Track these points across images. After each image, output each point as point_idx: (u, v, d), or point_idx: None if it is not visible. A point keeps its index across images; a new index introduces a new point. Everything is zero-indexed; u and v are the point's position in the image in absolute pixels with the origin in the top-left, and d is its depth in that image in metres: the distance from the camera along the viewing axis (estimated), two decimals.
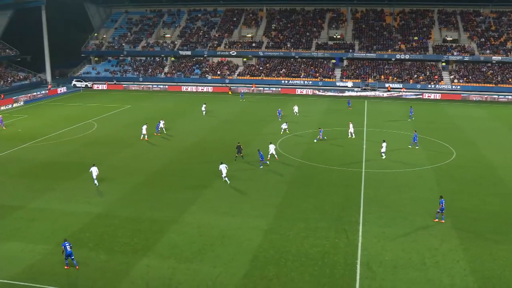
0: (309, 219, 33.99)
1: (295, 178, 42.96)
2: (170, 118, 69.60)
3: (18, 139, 58.19)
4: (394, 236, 31.42)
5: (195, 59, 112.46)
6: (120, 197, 38.69)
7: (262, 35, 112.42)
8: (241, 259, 28.47)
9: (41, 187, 41.02)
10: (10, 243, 30.86)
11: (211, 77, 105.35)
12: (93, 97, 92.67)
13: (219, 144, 54.01)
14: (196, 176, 43.71)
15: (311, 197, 38.23)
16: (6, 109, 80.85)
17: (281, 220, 33.91)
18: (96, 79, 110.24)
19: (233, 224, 33.27)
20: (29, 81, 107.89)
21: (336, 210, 35.60)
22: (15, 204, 37.16)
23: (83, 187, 41.02)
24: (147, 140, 56.56)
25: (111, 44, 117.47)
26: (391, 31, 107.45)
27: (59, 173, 44.80)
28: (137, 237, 31.38)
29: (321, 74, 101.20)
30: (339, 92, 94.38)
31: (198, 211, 35.70)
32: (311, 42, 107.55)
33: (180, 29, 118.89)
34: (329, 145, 53.97)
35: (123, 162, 48.48)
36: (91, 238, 31.36)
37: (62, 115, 74.16)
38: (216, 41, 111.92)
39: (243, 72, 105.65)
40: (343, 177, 43.10)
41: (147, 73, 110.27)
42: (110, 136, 59.38)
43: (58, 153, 51.66)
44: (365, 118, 69.95)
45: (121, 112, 76.25)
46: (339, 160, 48.06)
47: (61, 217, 34.77)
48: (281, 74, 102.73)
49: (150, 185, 41.56)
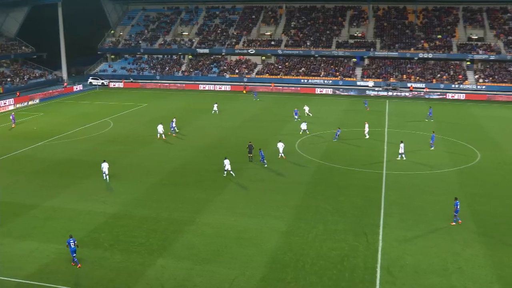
0: (328, 221, 33.91)
1: (314, 179, 42.88)
2: (187, 117, 69.97)
3: (33, 137, 58.93)
4: (415, 240, 31.20)
5: (213, 57, 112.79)
6: (136, 196, 38.98)
7: (281, 33, 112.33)
8: (258, 261, 28.50)
9: (56, 185, 41.51)
10: (24, 242, 31.26)
11: (229, 76, 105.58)
12: (109, 95, 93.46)
13: (236, 144, 54.07)
14: (214, 176, 43.84)
15: (330, 199, 38.12)
16: (22, 107, 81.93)
17: (299, 222, 33.87)
18: (112, 77, 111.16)
19: (250, 225, 33.32)
20: (45, 78, 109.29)
21: (356, 213, 35.45)
22: (31, 203, 37.65)
23: (99, 186, 41.40)
24: (164, 139, 56.96)
25: (128, 42, 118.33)
26: (413, 29, 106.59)
27: (75, 172, 45.28)
28: (153, 238, 31.59)
29: (342, 73, 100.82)
30: (359, 92, 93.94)
31: (215, 211, 35.82)
32: (331, 41, 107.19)
33: (198, 27, 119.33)
34: (349, 146, 53.76)
35: (139, 161, 48.82)
36: (106, 238, 31.64)
37: (78, 113, 74.94)
38: (234, 39, 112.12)
39: (261, 71, 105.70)
40: (363, 179, 42.90)
41: (164, 71, 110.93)
42: (126, 135, 59.86)
43: (74, 152, 52.21)
44: (386, 118, 69.53)
45: (138, 111, 76.79)
46: (359, 161, 47.85)
47: (77, 216, 35.15)
48: (301, 73, 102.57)
49: (166, 184, 41.82)
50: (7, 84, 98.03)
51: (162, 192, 39.93)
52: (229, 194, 39.32)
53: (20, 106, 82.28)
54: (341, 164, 47.10)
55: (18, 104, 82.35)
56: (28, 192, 40.30)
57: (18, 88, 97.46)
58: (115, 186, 41.38)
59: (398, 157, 48.42)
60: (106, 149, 52.68)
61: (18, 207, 36.95)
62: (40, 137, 58.55)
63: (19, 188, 41.23)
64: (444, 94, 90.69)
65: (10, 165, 48.00)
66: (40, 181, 42.76)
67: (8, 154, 51.41)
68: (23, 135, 60.31)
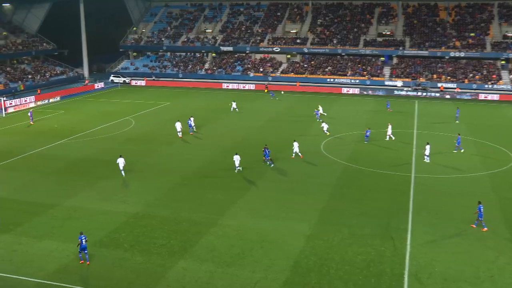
0: (354, 225, 33.70)
1: (340, 181, 42.69)
2: (209, 116, 70.30)
3: (54, 135, 59.78)
4: (445, 246, 30.81)
5: (236, 55, 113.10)
6: (157, 196, 39.26)
7: (307, 30, 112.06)
8: (281, 264, 28.46)
9: (77, 185, 42.03)
10: (44, 241, 31.70)
11: (253, 74, 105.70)
12: (131, 93, 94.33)
13: (259, 145, 54.01)
14: (236, 177, 43.94)
15: (356, 202, 37.91)
16: (42, 104, 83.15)
17: (324, 225, 33.75)
18: (134, 74, 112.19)
19: (274, 228, 33.29)
20: (66, 76, 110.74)
21: (383, 217, 35.17)
22: (51, 202, 38.16)
23: (119, 186, 41.83)
24: (181, 138, 57.49)
25: (150, 39, 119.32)
26: (445, 27, 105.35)
27: (95, 171, 45.81)
28: (174, 239, 31.76)
29: (369, 72, 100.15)
30: (387, 92, 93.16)
31: (238, 213, 35.89)
32: (358, 39, 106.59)
33: (221, 24, 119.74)
34: (377, 148, 53.38)
35: (161, 161, 49.18)
36: (126, 238, 31.91)
37: (99, 111, 75.80)
38: (259, 37, 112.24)
39: (286, 70, 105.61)
40: (391, 182, 42.57)
41: (187, 69, 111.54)
42: (148, 134, 60.35)
43: (95, 150, 52.81)
44: (415, 119, 68.87)
45: (160, 109, 77.35)
46: (387, 163, 47.49)
47: (97, 216, 35.54)
48: (327, 72, 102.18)
49: (188, 185, 42.03)
50: (28, 81, 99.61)
51: (183, 193, 40.14)
52: (252, 196, 39.36)
53: (41, 103, 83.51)
54: (368, 166, 46.79)
55: (38, 101, 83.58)
56: (48, 191, 40.86)
57: (39, 85, 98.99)
58: (135, 186, 41.74)
59: (424, 159, 48.03)
60: (127, 148, 53.12)
61: (37, 206, 37.49)
62: (61, 135, 59.36)
63: (38, 187, 41.85)
64: (476, 95, 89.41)
65: (29, 163, 48.75)
66: (60, 180, 43.34)
67: (28, 152, 52.22)
68: (44, 133, 61.19)
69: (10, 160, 49.49)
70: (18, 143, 56.22)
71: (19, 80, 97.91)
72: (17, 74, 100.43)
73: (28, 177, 44.40)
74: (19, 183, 42.74)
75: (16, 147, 54.35)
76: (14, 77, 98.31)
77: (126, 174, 44.01)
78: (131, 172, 45.02)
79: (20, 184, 42.51)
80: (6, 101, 77.71)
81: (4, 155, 50.96)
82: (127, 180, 43.04)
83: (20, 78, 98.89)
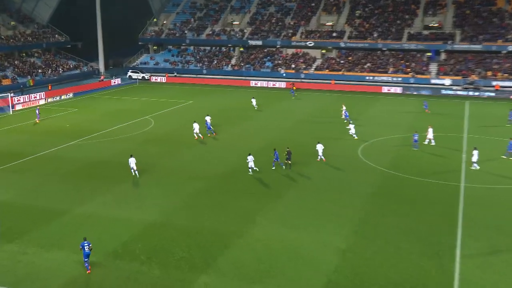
0: (395, 240, 33.24)
1: (380, 190, 42.27)
2: (236, 117, 70.47)
3: (66, 135, 60.54)
4: (499, 265, 30.17)
5: (266, 50, 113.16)
6: (177, 204, 39.34)
7: (344, 23, 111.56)
8: (314, 282, 28.20)
9: (90, 190, 42.37)
10: (52, 252, 31.88)
11: (284, 71, 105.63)
12: (150, 91, 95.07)
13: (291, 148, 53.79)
14: (265, 183, 43.84)
15: (398, 214, 37.44)
16: (53, 101, 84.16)
17: (361, 239, 33.40)
18: (154, 70, 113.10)
19: (306, 241, 33.05)
20: (80, 70, 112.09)
21: (429, 231, 34.63)
22: (61, 208, 38.48)
23: (136, 192, 42.07)
24: (197, 139, 57.89)
25: (172, 31, 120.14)
26: (503, 17, 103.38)
27: (111, 175, 46.17)
28: (195, 251, 31.71)
29: (413, 69, 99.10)
30: (433, 92, 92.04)
31: (267, 223, 35.73)
32: (402, 32, 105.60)
33: (250, 16, 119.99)
34: (421, 153, 52.74)
35: (182, 164, 49.37)
36: (143, 250, 31.97)
37: (115, 109, 76.55)
38: (291, 30, 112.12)
39: (321, 66, 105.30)
40: (437, 192, 41.96)
41: (212, 65, 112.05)
42: (168, 135, 60.71)
43: (110, 153, 53.25)
44: (465, 122, 67.89)
45: (182, 108, 77.79)
46: (432, 171, 46.86)
47: (111, 224, 35.74)
48: (366, 69, 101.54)
49: (212, 191, 42.06)
50: (38, 76, 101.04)
51: (206, 200, 40.15)
52: (281, 205, 39.17)
53: (52, 100, 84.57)
54: (411, 174, 46.24)
55: (49, 98, 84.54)
56: (58, 196, 41.26)
57: (50, 80, 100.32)
58: (154, 192, 41.91)
59: (472, 166, 47.28)
60: (146, 150, 53.48)
61: (46, 212, 37.84)
62: (73, 136, 60.04)
63: (48, 192, 42.29)
64: None
65: (39, 165, 49.38)
66: (72, 185, 43.74)
67: (37, 154, 52.95)
68: (55, 132, 62.00)
69: (18, 162, 50.24)
70: (27, 143, 57.09)
71: (28, 75, 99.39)
72: (26, 68, 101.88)
73: (37, 180, 44.96)
74: (28, 187, 43.30)
75: (25, 147, 55.19)
76: (23, 71, 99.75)
77: (143, 178, 44.30)
78: (149, 176, 45.29)
79: (29, 188, 43.05)
80: (13, 97, 78.72)
81: (12, 156, 51.74)
82: (144, 184, 43.28)
83: (30, 73, 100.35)
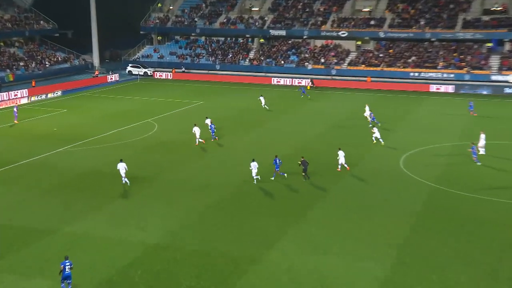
0: (446, 270, 32.87)
1: (426, 209, 41.96)
2: (255, 120, 70.44)
3: (53, 140, 60.90)
4: None
5: (291, 42, 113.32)
6: (184, 223, 39.31)
7: (385, 9, 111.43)
8: None
9: (81, 205, 42.42)
10: (33, 280, 31.57)
11: (312, 67, 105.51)
12: (154, 89, 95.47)
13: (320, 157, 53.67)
14: (288, 199, 43.73)
15: (449, 238, 37.08)
16: (38, 100, 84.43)
17: (403, 268, 33.08)
18: (158, 65, 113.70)
19: (336, 269, 32.83)
20: (70, 64, 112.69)
21: (488, 259, 34.20)
22: (47, 227, 38.45)
23: (136, 208, 42.05)
24: (197, 145, 58.49)
25: (180, 19, 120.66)
26: None
27: (106, 188, 46.26)
28: (205, 279, 31.59)
29: (469, 63, 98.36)
30: (494, 91, 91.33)
31: (289, 247, 35.55)
32: (455, 18, 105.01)
33: (271, 1, 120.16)
34: (477, 166, 52.28)
35: (190, 176, 49.43)
36: (144, 276, 31.89)
37: (112, 111, 76.99)
38: (320, 18, 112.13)
39: (355, 61, 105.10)
40: (499, 212, 41.51)
41: (227, 58, 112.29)
42: (175, 141, 60.91)
43: (105, 161, 53.33)
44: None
45: (191, 110, 78.06)
46: (492, 187, 46.47)
47: (106, 246, 35.71)
48: (410, 64, 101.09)
49: (225, 208, 42.05)
50: (20, 70, 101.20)
51: (218, 218, 40.09)
52: (308, 224, 39.00)
53: (36, 99, 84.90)
54: (465, 189, 45.89)
55: (33, 96, 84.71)
56: (45, 213, 41.25)
57: (34, 75, 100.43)
58: (156, 208, 41.89)
59: None
60: (147, 159, 53.67)
61: (29, 232, 37.74)
62: (62, 141, 60.31)
63: (31, 208, 42.31)
64: None
65: (20, 176, 49.60)
66: (61, 199, 43.79)
67: (18, 162, 53.14)
68: (40, 137, 62.43)
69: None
70: (6, 149, 57.59)
71: (7, 69, 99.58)
72: (5, 60, 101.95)
73: (18, 195, 45.03)
74: (7, 203, 43.38)
75: (2, 155, 55.53)
76: (1, 64, 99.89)
77: (143, 191, 44.38)
78: (151, 189, 45.41)
79: (8, 204, 43.13)
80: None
81: None
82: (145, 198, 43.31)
83: (9, 66, 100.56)
